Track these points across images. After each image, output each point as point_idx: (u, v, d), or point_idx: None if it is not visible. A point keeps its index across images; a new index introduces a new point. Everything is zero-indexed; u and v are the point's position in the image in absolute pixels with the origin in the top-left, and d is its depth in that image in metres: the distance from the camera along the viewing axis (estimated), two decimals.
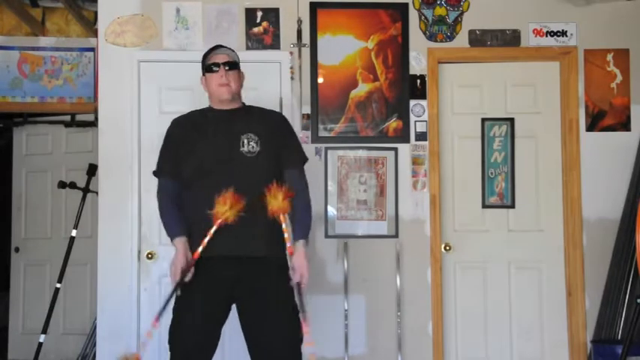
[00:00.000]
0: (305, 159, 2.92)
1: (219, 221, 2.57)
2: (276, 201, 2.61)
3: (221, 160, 2.68)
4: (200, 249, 2.60)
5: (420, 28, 4.09)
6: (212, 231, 2.58)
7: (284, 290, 2.68)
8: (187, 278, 2.61)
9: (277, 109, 3.95)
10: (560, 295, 4.06)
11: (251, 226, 2.62)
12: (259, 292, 2.64)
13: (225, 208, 2.56)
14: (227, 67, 2.77)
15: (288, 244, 2.66)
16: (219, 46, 2.89)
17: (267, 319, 2.63)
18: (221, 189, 2.58)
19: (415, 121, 4.03)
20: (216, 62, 2.78)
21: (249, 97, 2.95)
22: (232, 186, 2.59)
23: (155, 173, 2.86)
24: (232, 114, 2.80)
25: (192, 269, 2.63)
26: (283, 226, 2.64)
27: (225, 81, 2.75)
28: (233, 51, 2.89)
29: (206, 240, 2.59)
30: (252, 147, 2.70)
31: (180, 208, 2.74)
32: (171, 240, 2.72)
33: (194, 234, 2.69)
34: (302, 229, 2.74)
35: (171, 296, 2.63)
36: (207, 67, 2.80)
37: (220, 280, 2.65)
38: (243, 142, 2.71)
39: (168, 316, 2.70)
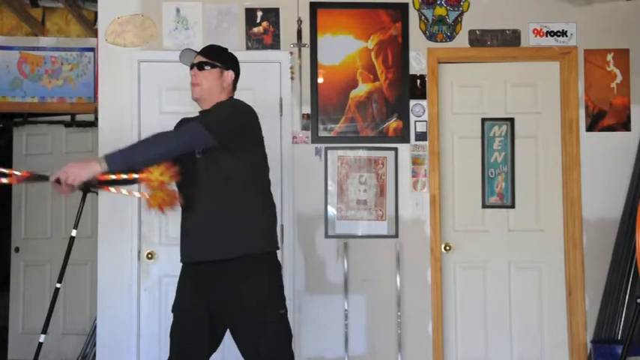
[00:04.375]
0: (208, 122, 2.53)
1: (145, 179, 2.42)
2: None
3: (187, 163, 2.60)
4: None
5: (420, 28, 4.09)
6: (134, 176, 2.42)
7: (261, 292, 2.59)
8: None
9: (277, 109, 3.96)
10: (560, 295, 4.06)
11: (208, 229, 2.57)
12: (232, 299, 2.57)
13: (155, 174, 2.41)
14: (200, 67, 2.71)
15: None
16: (205, 47, 2.86)
17: (248, 327, 2.57)
18: (183, 195, 2.56)
19: (415, 121, 4.03)
20: (192, 64, 2.75)
21: (249, 97, 2.94)
22: (189, 191, 2.57)
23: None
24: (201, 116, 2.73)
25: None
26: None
27: (193, 80, 2.72)
28: (214, 50, 2.82)
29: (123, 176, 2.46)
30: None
31: None
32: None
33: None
34: (117, 151, 2.46)
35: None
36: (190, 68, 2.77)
37: (197, 288, 2.62)
38: None
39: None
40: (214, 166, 2.58)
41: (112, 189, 2.54)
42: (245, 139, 2.63)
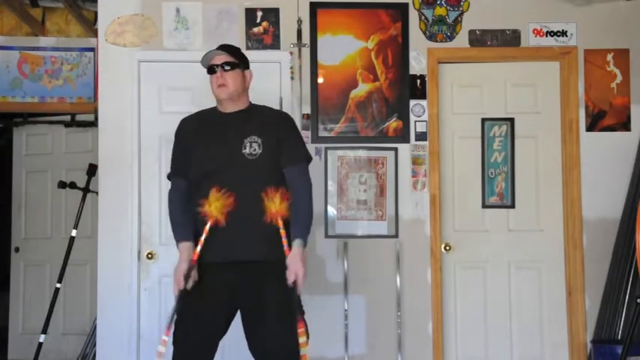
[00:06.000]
0: (307, 157, 2.85)
1: (210, 220, 2.60)
2: (274, 204, 2.61)
3: (223, 164, 2.68)
4: (199, 248, 2.61)
5: (420, 28, 4.09)
6: (207, 228, 2.60)
7: (285, 294, 2.66)
8: (189, 285, 2.60)
9: None
10: (560, 295, 4.06)
11: (250, 229, 2.64)
12: (261, 297, 2.64)
13: (208, 207, 2.58)
14: (226, 68, 2.76)
15: (285, 247, 2.63)
16: (222, 46, 2.87)
17: (268, 324, 2.62)
18: (223, 192, 2.61)
19: (415, 121, 4.04)
20: (214, 64, 2.78)
21: (249, 97, 2.95)
22: (233, 189, 2.61)
23: (168, 176, 2.88)
24: (236, 117, 2.78)
25: (195, 274, 2.62)
26: (280, 229, 2.62)
27: (221, 81, 2.74)
28: (236, 49, 2.88)
29: (202, 238, 2.61)
30: (254, 149, 2.69)
31: (190, 209, 2.75)
32: (177, 244, 2.72)
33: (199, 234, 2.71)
34: (299, 229, 2.66)
35: (177, 304, 2.60)
36: (208, 70, 2.81)
37: (221, 285, 2.66)
38: (245, 146, 2.70)
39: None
40: (267, 169, 2.70)
41: None
42: None
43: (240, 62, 2.82)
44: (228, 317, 2.73)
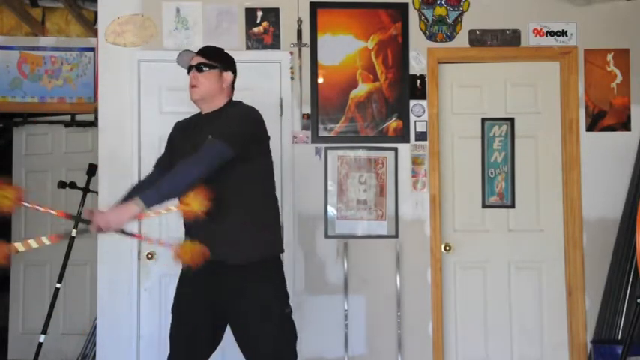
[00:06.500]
0: (223, 135, 2.54)
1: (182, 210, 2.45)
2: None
3: None
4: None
5: (420, 28, 4.09)
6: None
7: (265, 297, 2.62)
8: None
9: (277, 109, 3.97)
10: (560, 295, 4.07)
11: (214, 231, 2.56)
12: (238, 302, 2.60)
13: (195, 205, 2.41)
14: (203, 68, 2.71)
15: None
16: (199, 49, 2.83)
17: (250, 329, 2.60)
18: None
19: (415, 121, 4.04)
20: (191, 65, 2.75)
21: (249, 98, 2.93)
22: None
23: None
24: (208, 119, 2.73)
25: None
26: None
27: (193, 82, 2.71)
28: (214, 51, 2.82)
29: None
30: None
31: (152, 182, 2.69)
32: None
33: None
34: (150, 191, 2.44)
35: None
36: (187, 71, 2.78)
37: (201, 288, 2.64)
38: None
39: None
40: (226, 173, 2.56)
41: (152, 213, 2.50)
42: (257, 147, 2.68)
43: (218, 64, 2.75)
44: (213, 319, 2.67)
